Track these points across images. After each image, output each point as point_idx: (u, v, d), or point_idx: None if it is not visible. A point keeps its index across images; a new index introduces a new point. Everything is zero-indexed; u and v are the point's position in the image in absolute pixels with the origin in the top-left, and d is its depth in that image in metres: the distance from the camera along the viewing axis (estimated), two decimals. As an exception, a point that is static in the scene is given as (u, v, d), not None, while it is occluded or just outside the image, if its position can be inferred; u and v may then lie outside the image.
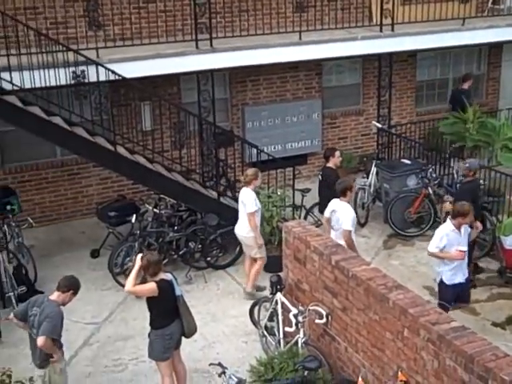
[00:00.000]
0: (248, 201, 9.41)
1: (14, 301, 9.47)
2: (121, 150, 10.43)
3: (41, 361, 6.92)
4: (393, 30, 12.62)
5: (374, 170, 12.51)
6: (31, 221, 10.70)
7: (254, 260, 9.79)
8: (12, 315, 7.16)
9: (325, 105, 14.09)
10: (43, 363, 6.91)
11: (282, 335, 7.97)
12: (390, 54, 13.25)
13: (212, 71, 11.30)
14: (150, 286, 7.07)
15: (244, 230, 9.60)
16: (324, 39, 12.03)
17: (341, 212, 8.75)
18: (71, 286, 6.92)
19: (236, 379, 6.43)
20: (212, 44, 11.14)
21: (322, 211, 10.53)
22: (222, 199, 11.06)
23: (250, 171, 9.66)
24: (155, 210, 10.75)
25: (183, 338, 7.44)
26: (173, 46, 11.09)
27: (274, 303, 8.15)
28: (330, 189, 10.21)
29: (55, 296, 6.88)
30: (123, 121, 11.30)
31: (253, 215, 9.42)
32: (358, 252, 8.42)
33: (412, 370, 6.26)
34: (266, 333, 8.34)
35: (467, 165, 10.00)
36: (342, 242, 8.35)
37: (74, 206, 12.46)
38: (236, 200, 11.35)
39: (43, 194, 12.23)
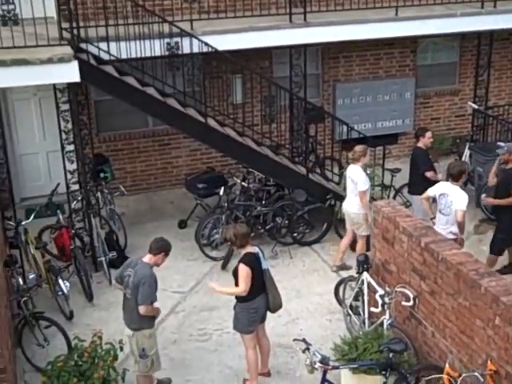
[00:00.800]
0: (359, 179, 9.29)
1: (105, 265, 9.79)
2: (211, 122, 10.50)
3: (133, 323, 7.10)
4: (495, 6, 12.10)
5: (467, 152, 12.14)
6: (123, 189, 11.00)
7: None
8: (114, 281, 7.37)
9: (418, 83, 13.72)
10: (134, 326, 7.10)
11: (367, 315, 7.90)
12: (491, 32, 12.74)
13: (305, 46, 11.17)
14: (245, 273, 7.08)
15: (354, 206, 9.49)
16: (421, 15, 11.66)
17: (454, 195, 8.43)
18: (162, 248, 7.04)
19: (320, 356, 6.39)
20: (306, 18, 11.00)
21: (411, 192, 10.32)
22: (310, 175, 10.98)
23: (359, 148, 9.52)
24: (243, 183, 10.82)
25: (268, 313, 7.50)
26: (266, 20, 11.02)
27: (360, 283, 8.07)
28: (418, 169, 10.01)
29: (147, 258, 7.03)
30: (214, 93, 11.36)
31: (364, 193, 9.32)
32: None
33: (502, 360, 6.07)
34: (350, 312, 8.28)
35: (505, 148, 9.49)
36: (449, 227, 8.34)
37: (163, 176, 12.71)
38: (324, 177, 11.31)
39: (135, 163, 12.54)
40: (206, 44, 10.10)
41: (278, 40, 10.91)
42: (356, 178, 9.33)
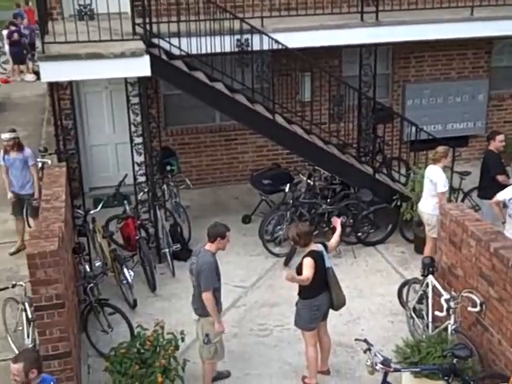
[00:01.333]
0: (439, 180, 9.13)
1: (168, 257, 9.91)
2: (279, 119, 10.50)
3: (199, 309, 7.19)
4: None
5: (541, 156, 11.79)
6: (189, 182, 11.13)
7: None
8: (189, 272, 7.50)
9: (492, 85, 13.39)
10: (199, 311, 7.20)
11: (430, 319, 7.75)
12: None
13: (376, 45, 11.02)
14: (309, 263, 7.05)
15: (429, 207, 9.32)
16: (498, 16, 11.32)
17: None
18: (215, 234, 7.08)
19: (381, 357, 6.31)
20: (378, 17, 10.87)
21: (480, 196, 10.08)
22: (377, 176, 10.86)
23: (441, 148, 9.38)
24: (309, 181, 10.78)
25: (330, 311, 7.45)
26: (337, 18, 10.95)
27: (424, 285, 7.93)
28: (489, 172, 9.76)
29: (208, 246, 7.12)
30: (283, 90, 11.35)
31: (443, 195, 9.16)
32: None
33: None
34: (413, 315, 8.15)
35: None
36: None
37: (228, 171, 12.81)
38: (391, 178, 11.15)
39: (201, 158, 12.66)
40: (276, 41, 10.11)
41: (348, 39, 10.81)
42: (436, 178, 9.17)
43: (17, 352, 7.90)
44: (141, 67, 9.12)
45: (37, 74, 21.29)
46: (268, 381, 7.72)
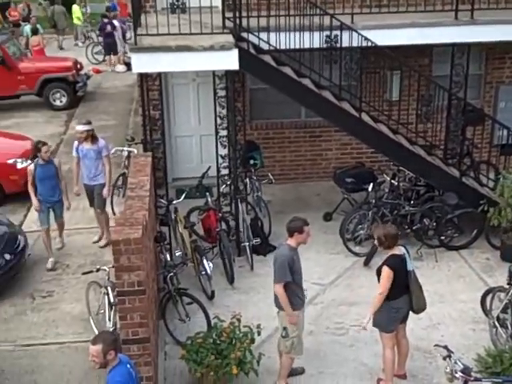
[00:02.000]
0: None
1: (248, 251, 9.95)
2: (365, 117, 10.36)
3: (277, 303, 7.19)
4: None
5: None
6: (271, 177, 11.15)
7: None
8: None
9: None
10: (278, 305, 7.20)
11: (515, 330, 7.50)
12: None
13: (469, 45, 10.70)
14: (387, 275, 6.95)
15: None
16: None
17: None
18: (293, 229, 7.07)
19: (462, 365, 6.13)
20: (473, 15, 10.54)
21: None
22: (463, 179, 10.56)
23: None
24: (393, 181, 10.60)
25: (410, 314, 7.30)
26: (430, 16, 10.68)
27: (510, 295, 7.66)
28: None
29: (289, 240, 7.15)
30: (370, 88, 11.18)
31: None
32: None
33: None
34: (497, 324, 7.88)
35: None
36: None
37: (311, 168, 12.75)
38: (478, 182, 10.82)
39: (284, 153, 12.66)
40: (366, 38, 9.96)
41: (440, 37, 10.51)
42: None
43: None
44: (229, 61, 9.19)
45: (127, 65, 21.86)
46: (342, 380, 7.64)
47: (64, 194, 10.25)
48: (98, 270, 8.40)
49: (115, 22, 22.49)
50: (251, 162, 11.15)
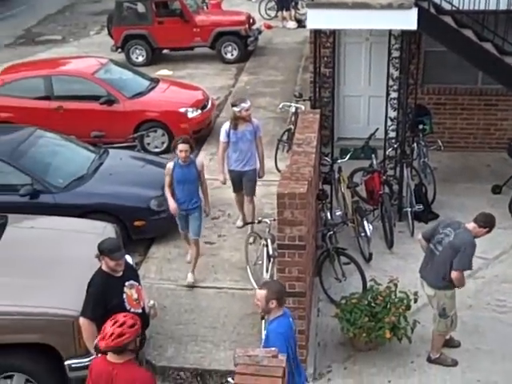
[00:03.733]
0: None
1: (409, 216, 9.75)
2: (550, 87, 9.69)
3: (437, 282, 6.98)
4: None
5: None
6: (440, 143, 10.77)
7: None
8: (420, 236, 7.34)
9: None
10: (438, 284, 6.99)
11: None
12: None
13: None
14: None
15: None
16: None
17: None
18: (488, 224, 6.84)
19: None
20: None
21: None
22: None
23: None
24: None
25: None
26: None
27: None
28: None
29: (471, 227, 6.85)
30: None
31: None
32: None
33: None
34: None
35: None
36: None
37: (483, 138, 12.15)
38: None
39: (455, 120, 12.15)
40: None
41: None
42: None
43: (254, 284, 8.39)
44: (407, 20, 8.91)
45: (298, 22, 21.89)
46: (500, 360, 7.32)
47: (205, 200, 8.85)
48: (259, 222, 8.60)
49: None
50: (420, 126, 10.81)
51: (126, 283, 6.19)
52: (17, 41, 22.96)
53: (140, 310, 6.23)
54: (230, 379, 5.85)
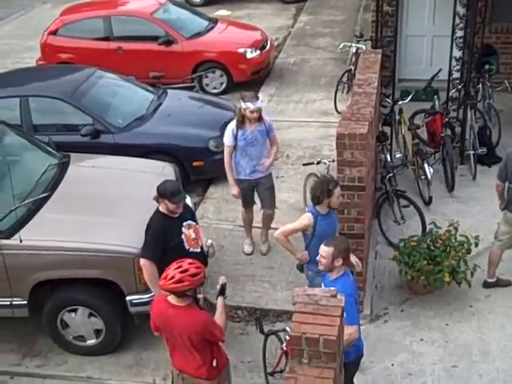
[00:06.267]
0: None
1: (472, 160, 9.53)
2: None
3: None
4: None
5: None
6: (507, 84, 10.40)
7: None
8: (498, 182, 7.18)
9: None
10: None
11: None
12: None
13: None
14: None
15: None
16: None
17: None
18: None
19: None
20: None
21: None
22: None
23: None
24: None
25: None
26: None
27: None
28: None
29: None
30: None
31: None
32: None
33: None
34: None
35: None
36: None
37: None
38: None
39: (522, 60, 11.69)
40: None
41: None
42: None
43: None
44: (476, -46, 8.50)
45: (360, -42, 21.19)
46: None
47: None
48: (318, 163, 8.53)
49: None
50: (486, 66, 10.42)
51: (184, 223, 6.24)
52: (76, -19, 22.99)
53: (199, 250, 6.30)
54: (287, 328, 5.87)
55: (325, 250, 5.38)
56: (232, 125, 7.71)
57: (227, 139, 7.69)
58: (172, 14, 13.58)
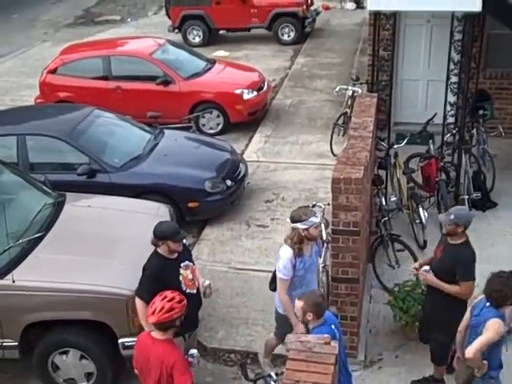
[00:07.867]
0: None
1: (466, 204, 9.52)
2: None
3: None
4: None
5: None
6: (501, 130, 10.48)
7: None
8: None
9: None
10: None
11: None
12: None
13: None
14: None
15: None
16: None
17: None
18: None
19: None
20: None
21: None
22: None
23: None
24: None
25: None
26: None
27: None
28: None
29: None
30: None
31: None
32: None
33: None
34: None
35: (452, 217, 6.22)
36: None
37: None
38: None
39: (517, 106, 11.82)
40: None
41: None
42: None
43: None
44: (470, 1, 8.61)
45: (357, 3, 21.61)
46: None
47: None
48: (313, 206, 8.51)
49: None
50: (480, 112, 10.52)
51: (182, 264, 6.23)
52: (76, 21, 23.33)
53: (195, 291, 6.27)
54: (272, 373, 5.81)
55: (297, 304, 5.44)
56: (287, 253, 6.27)
57: (286, 272, 6.26)
58: (170, 55, 13.72)
